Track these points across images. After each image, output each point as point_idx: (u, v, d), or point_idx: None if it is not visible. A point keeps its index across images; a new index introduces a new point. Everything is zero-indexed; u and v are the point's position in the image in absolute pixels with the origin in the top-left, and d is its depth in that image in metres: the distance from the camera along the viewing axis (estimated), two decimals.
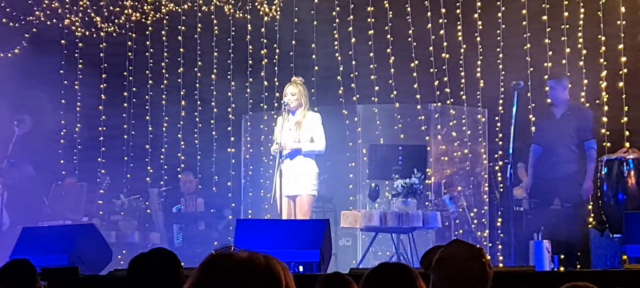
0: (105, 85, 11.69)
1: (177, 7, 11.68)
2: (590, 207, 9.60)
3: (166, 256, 4.12)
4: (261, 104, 11.17)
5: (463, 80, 10.57)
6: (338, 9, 11.09)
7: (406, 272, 3.22)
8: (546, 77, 9.75)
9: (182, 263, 4.18)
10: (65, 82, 11.76)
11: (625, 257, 7.54)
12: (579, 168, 9.03)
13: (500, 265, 9.23)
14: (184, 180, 11.32)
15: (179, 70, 11.64)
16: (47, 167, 10.84)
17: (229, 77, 11.50)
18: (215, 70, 11.57)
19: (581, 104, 9.63)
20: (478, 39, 10.53)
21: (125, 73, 11.69)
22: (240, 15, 11.49)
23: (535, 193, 9.12)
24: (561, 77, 9.27)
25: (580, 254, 9.04)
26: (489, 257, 3.55)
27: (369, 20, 10.90)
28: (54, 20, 11.72)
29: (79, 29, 11.75)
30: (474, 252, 3.46)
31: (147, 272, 4.06)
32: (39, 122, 10.92)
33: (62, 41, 11.83)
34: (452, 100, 10.62)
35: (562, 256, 8.49)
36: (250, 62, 11.41)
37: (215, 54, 11.59)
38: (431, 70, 10.66)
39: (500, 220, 9.98)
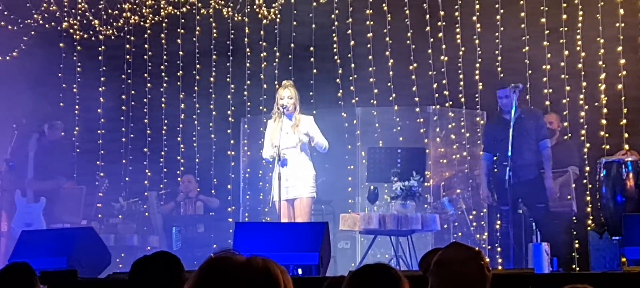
0: (103, 88, 11.69)
1: (175, 10, 11.68)
2: (589, 209, 9.61)
3: (168, 259, 4.11)
4: (260, 107, 11.17)
5: (462, 83, 10.58)
6: (337, 11, 11.10)
7: (388, 272, 3.21)
8: (545, 79, 9.75)
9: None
10: (64, 85, 11.76)
11: (624, 259, 7.54)
12: (541, 168, 9.04)
13: (499, 267, 9.22)
14: (184, 181, 11.31)
15: (178, 73, 11.64)
16: (48, 205, 10.80)
17: (227, 79, 11.50)
18: (214, 73, 11.58)
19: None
20: (477, 41, 10.55)
21: (123, 76, 11.69)
22: (239, 18, 11.50)
23: (504, 200, 9.01)
24: (511, 83, 9.17)
25: (579, 256, 9.04)
26: (487, 260, 3.55)
27: (367, 23, 10.92)
28: (53, 23, 11.71)
29: (78, 32, 11.75)
30: (472, 255, 3.46)
31: (149, 275, 4.05)
32: (36, 126, 10.90)
33: (61, 44, 11.84)
34: (451, 102, 10.63)
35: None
36: (248, 64, 11.41)
37: (214, 56, 11.59)
38: (430, 72, 10.67)
39: (499, 222, 9.97)
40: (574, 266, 9.29)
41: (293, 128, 8.72)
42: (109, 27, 11.70)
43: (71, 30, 11.75)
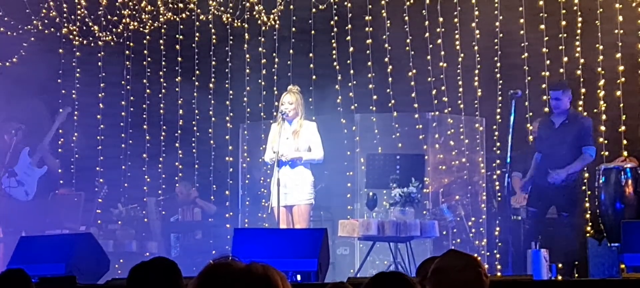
0: (102, 94, 11.69)
1: (175, 16, 11.69)
2: (588, 215, 9.60)
3: (166, 265, 4.11)
4: (260, 113, 11.17)
5: (461, 89, 10.58)
6: (336, 18, 11.11)
7: (404, 281, 3.22)
8: (544, 85, 9.76)
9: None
10: (63, 91, 11.75)
11: (623, 265, 7.54)
12: (578, 177, 9.02)
13: (498, 274, 9.22)
14: (181, 188, 11.31)
15: (177, 79, 11.64)
16: (46, 175, 10.81)
17: (226, 85, 11.50)
18: (213, 79, 11.58)
19: (580, 112, 9.61)
20: (475, 47, 10.55)
21: (123, 82, 11.70)
22: (238, 24, 11.51)
23: (534, 202, 9.09)
24: (564, 86, 9.22)
25: (578, 263, 9.03)
26: (486, 266, 3.55)
27: (366, 29, 10.92)
28: (52, 29, 11.72)
29: (77, 38, 11.75)
30: (470, 262, 3.46)
31: (147, 281, 4.05)
32: (36, 131, 10.89)
33: (60, 50, 11.84)
34: (449, 109, 10.63)
35: (560, 265, 8.49)
36: (248, 70, 11.41)
37: (213, 62, 11.59)
38: (429, 79, 10.67)
39: (498, 229, 9.97)
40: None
41: (293, 134, 8.73)
42: (108, 32, 11.70)
43: (71, 36, 11.76)
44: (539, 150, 9.16)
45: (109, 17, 11.67)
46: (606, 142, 9.71)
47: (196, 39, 11.66)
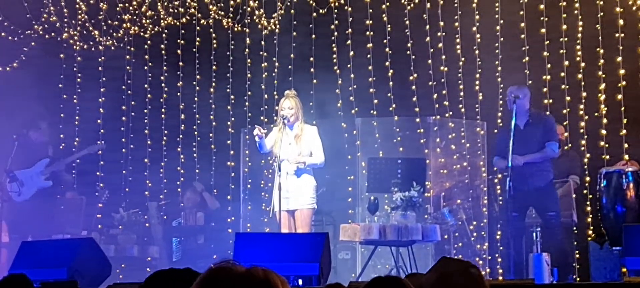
0: (103, 98, 11.70)
1: (175, 21, 11.70)
2: (589, 219, 9.60)
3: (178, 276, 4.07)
4: (261, 117, 11.18)
5: (462, 93, 10.59)
6: (337, 22, 11.12)
7: (401, 285, 3.21)
8: (545, 89, 9.75)
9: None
10: (64, 95, 11.76)
11: (624, 269, 7.53)
12: (554, 176, 9.00)
13: (500, 278, 9.22)
14: (188, 196, 11.27)
15: (178, 84, 11.65)
16: (48, 189, 10.78)
17: (228, 90, 11.51)
18: (214, 84, 11.58)
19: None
20: (477, 51, 10.55)
21: (123, 86, 11.70)
22: (239, 28, 11.51)
23: (514, 207, 9.00)
24: (521, 85, 9.19)
25: (580, 266, 9.03)
26: (488, 270, 3.55)
27: (367, 33, 10.93)
28: (53, 34, 11.73)
29: (78, 43, 11.76)
30: (468, 263, 3.46)
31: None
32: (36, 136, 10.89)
33: (61, 55, 11.85)
34: (451, 113, 10.63)
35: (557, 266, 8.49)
36: (249, 75, 11.42)
37: (214, 67, 11.60)
38: (430, 83, 10.68)
39: (499, 232, 9.97)
40: (574, 276, 9.28)
41: (295, 139, 8.73)
42: (109, 37, 11.71)
43: (71, 41, 11.77)
44: (503, 157, 9.00)
45: (109, 21, 11.68)
46: (607, 145, 9.72)
47: (197, 43, 11.66)
